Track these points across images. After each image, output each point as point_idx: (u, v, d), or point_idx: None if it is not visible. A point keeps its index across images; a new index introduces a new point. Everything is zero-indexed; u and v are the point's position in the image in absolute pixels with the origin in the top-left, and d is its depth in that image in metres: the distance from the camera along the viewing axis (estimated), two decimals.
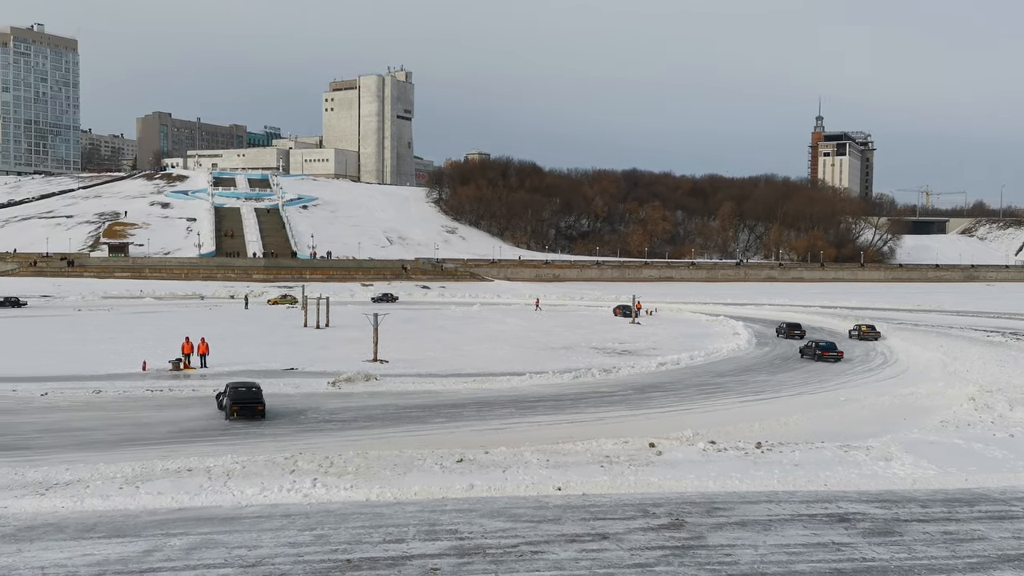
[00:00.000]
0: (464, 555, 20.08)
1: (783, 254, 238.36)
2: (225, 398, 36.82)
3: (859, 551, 20.81)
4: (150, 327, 75.47)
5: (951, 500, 25.45)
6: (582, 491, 25.52)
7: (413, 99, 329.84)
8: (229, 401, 36.08)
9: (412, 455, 28.54)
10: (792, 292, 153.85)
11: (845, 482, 26.95)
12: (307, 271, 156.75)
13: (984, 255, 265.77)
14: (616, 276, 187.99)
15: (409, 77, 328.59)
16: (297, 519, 22.62)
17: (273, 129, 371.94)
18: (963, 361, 57.08)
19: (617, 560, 19.91)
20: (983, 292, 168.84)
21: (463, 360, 56.34)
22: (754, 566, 19.66)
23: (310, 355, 57.04)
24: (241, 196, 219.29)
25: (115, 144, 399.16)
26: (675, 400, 43.21)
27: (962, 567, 19.88)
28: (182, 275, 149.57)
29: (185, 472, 26.31)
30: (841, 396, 44.79)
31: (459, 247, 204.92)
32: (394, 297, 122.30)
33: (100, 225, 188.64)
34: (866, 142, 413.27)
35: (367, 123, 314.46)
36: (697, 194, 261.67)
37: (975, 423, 35.88)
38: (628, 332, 78.57)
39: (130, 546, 20.37)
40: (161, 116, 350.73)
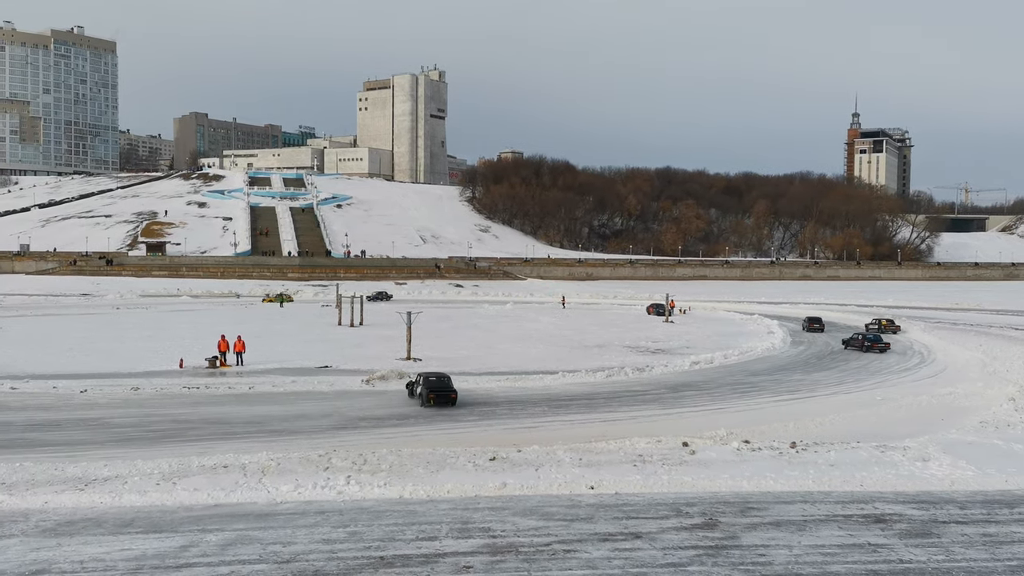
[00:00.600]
0: (497, 553, 20.11)
1: (819, 252, 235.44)
2: (420, 387, 40.31)
3: (896, 552, 20.51)
4: (187, 325, 76.55)
5: (990, 502, 24.98)
6: (615, 490, 25.43)
7: (446, 98, 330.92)
8: (425, 390, 39.59)
9: (445, 453, 28.65)
10: (828, 290, 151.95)
11: (881, 483, 26.56)
12: (341, 270, 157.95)
13: None
14: (649, 275, 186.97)
15: (442, 76, 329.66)
16: (331, 516, 22.80)
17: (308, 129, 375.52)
18: (1003, 361, 55.99)
19: (650, 560, 19.81)
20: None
21: (496, 358, 56.43)
22: (788, 567, 19.45)
23: (344, 353, 57.48)
24: (276, 195, 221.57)
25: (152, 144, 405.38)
26: (709, 399, 42.91)
27: (1002, 570, 19.50)
28: (218, 273, 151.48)
29: (221, 469, 26.64)
30: (877, 396, 44.18)
31: (492, 246, 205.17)
32: (388, 295, 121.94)
33: (138, 224, 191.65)
34: (903, 139, 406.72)
35: (401, 122, 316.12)
36: (731, 192, 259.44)
37: (1015, 424, 35.18)
38: (661, 331, 78.15)
39: (167, 541, 20.67)
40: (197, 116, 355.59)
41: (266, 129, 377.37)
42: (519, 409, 39.26)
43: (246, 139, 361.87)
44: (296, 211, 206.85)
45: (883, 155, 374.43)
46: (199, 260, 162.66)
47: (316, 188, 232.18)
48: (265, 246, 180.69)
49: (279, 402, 40.14)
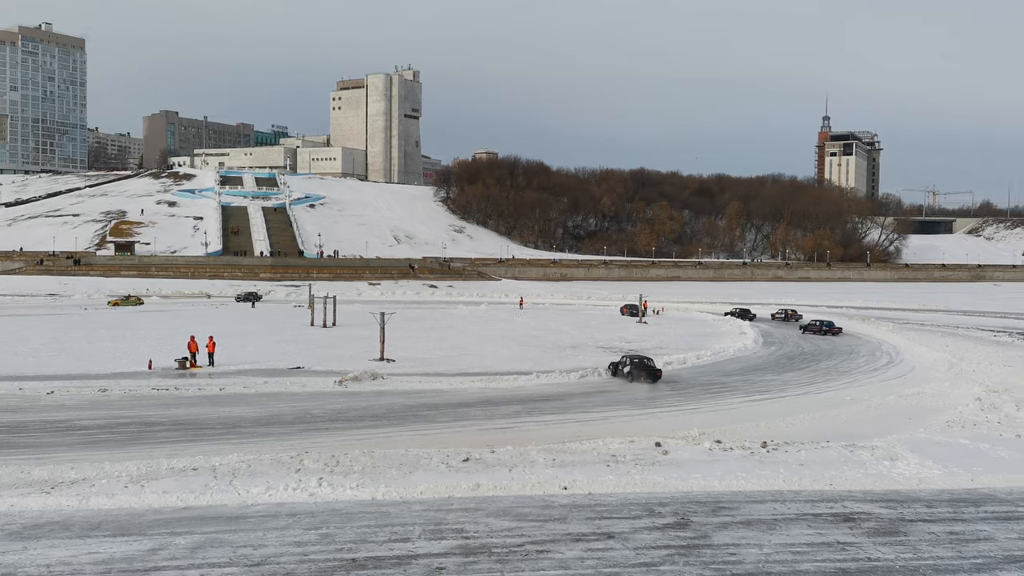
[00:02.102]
0: (470, 554, 20.09)
1: (790, 253, 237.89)
2: (627, 367, 48.13)
3: (864, 551, 20.75)
4: (156, 326, 75.69)
5: (957, 500, 25.35)
6: (588, 490, 25.50)
7: (421, 98, 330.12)
8: (634, 368, 47.58)
9: (418, 454, 28.56)
10: (799, 291, 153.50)
11: (850, 482, 26.88)
12: (314, 270, 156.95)
13: (991, 255, 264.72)
14: (623, 275, 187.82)
15: (417, 76, 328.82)
16: (302, 518, 22.65)
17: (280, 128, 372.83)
18: (969, 361, 56.94)
19: (622, 559, 19.89)
20: (990, 292, 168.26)
21: (470, 359, 56.37)
22: (759, 565, 19.62)
23: (317, 354, 57.12)
24: (248, 195, 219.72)
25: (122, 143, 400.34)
26: (681, 399, 43.16)
27: (968, 567, 19.80)
28: (189, 273, 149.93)
29: (191, 471, 26.38)
30: (847, 396, 44.70)
31: (467, 246, 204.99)
32: (258, 296, 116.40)
33: (106, 224, 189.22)
34: (872, 142, 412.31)
35: (374, 122, 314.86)
36: (704, 193, 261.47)
37: (981, 423, 35.74)
38: (635, 331, 78.49)
39: (135, 544, 20.42)
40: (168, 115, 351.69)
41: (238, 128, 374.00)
42: (493, 410, 39.24)
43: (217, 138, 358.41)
44: (268, 211, 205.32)
45: (853, 158, 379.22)
46: (169, 260, 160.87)
47: (289, 188, 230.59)
48: (237, 246, 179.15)
49: (250, 403, 39.79)
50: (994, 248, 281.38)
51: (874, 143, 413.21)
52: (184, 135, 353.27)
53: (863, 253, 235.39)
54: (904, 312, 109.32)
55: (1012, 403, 39.90)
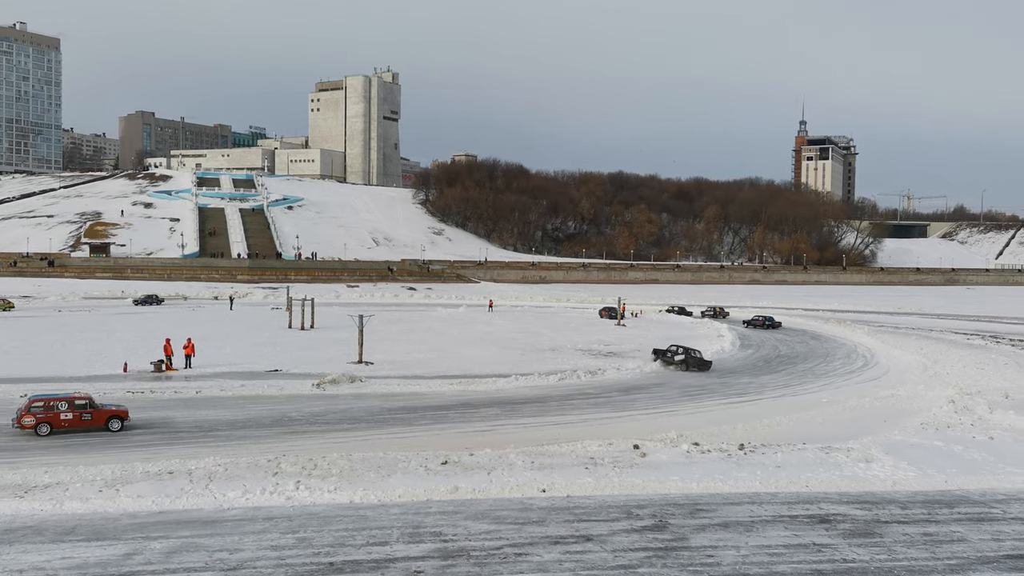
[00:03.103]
0: (448, 557, 20.07)
1: (767, 257, 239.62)
2: (679, 356, 54.80)
3: (840, 552, 20.95)
4: (132, 328, 74.95)
5: (931, 502, 25.65)
6: (567, 493, 25.56)
7: (400, 100, 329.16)
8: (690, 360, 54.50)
9: (397, 457, 28.50)
10: (776, 294, 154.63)
11: (826, 483, 27.13)
12: (292, 272, 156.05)
13: (965, 258, 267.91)
14: (602, 278, 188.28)
15: (396, 78, 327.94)
16: (279, 522, 22.53)
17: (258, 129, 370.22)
18: (943, 364, 57.61)
19: (600, 562, 19.95)
20: (963, 295, 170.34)
21: (449, 362, 56.28)
22: (736, 567, 19.75)
23: (295, 356, 56.81)
24: (225, 196, 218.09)
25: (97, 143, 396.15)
26: (659, 402, 43.34)
27: (941, 568, 20.04)
28: (165, 275, 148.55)
29: (166, 475, 26.16)
30: (823, 398, 45.08)
31: (446, 248, 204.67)
32: (160, 299, 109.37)
33: (81, 225, 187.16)
34: (848, 146, 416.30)
35: (353, 124, 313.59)
36: (683, 197, 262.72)
37: (955, 425, 36.19)
38: (613, 334, 78.71)
39: (109, 549, 20.23)
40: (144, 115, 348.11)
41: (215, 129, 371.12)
42: (471, 412, 39.21)
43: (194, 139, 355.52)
44: (246, 212, 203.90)
45: (829, 162, 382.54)
46: (145, 262, 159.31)
47: (267, 189, 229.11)
48: (214, 247, 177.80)
49: (227, 406, 39.51)
50: (967, 252, 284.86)
51: (850, 148, 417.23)
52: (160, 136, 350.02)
53: (839, 256, 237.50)
54: (879, 315, 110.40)
55: (985, 405, 40.43)
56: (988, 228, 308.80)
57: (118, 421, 34.14)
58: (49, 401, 33.40)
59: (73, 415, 33.28)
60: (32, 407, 32.99)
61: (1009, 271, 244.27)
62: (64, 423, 33.12)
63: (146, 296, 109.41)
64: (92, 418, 33.65)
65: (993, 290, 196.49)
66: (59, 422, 33.03)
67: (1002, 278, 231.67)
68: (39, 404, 33.17)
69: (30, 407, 33.01)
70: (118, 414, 34.32)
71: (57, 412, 33.09)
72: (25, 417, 32.66)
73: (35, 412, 32.85)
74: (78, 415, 33.38)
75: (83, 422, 33.40)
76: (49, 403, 33.25)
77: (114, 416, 34.15)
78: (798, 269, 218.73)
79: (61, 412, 33.14)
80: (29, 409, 32.93)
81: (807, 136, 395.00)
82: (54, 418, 32.99)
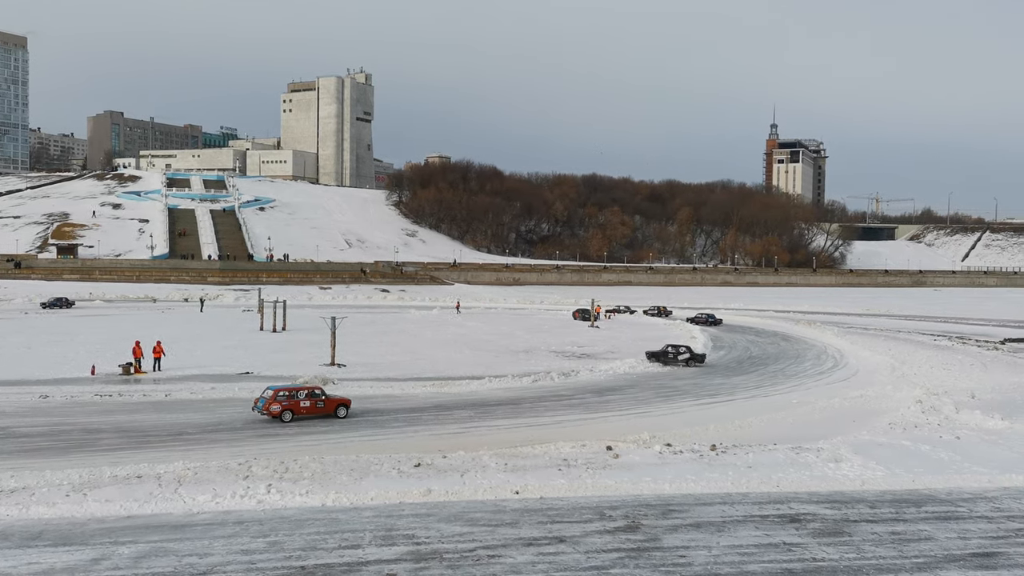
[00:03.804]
0: (421, 560, 20.00)
1: (739, 259, 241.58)
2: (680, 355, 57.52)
3: (809, 551, 21.15)
4: (100, 330, 73.97)
5: (899, 501, 25.98)
6: (540, 495, 25.58)
7: (373, 101, 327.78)
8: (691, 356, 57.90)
9: (369, 460, 28.36)
10: (747, 296, 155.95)
11: (796, 483, 27.39)
12: (264, 274, 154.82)
13: (931, 261, 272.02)
14: (575, 280, 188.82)
15: (369, 79, 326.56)
16: (250, 526, 22.33)
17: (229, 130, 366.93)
18: (911, 364, 58.44)
19: (573, 563, 19.99)
20: (930, 296, 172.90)
21: (422, 364, 56.14)
22: (707, 567, 19.88)
23: (266, 359, 56.36)
24: (196, 197, 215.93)
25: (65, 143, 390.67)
26: (632, 403, 43.51)
27: (909, 567, 20.29)
28: (134, 277, 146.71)
29: (134, 479, 25.84)
30: (793, 399, 45.52)
31: (419, 250, 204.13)
32: (70, 302, 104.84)
33: (48, 226, 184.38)
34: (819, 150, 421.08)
35: (326, 125, 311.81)
36: (655, 199, 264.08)
37: (922, 425, 36.70)
38: (587, 336, 78.94)
39: (77, 554, 19.94)
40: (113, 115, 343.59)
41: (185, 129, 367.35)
42: (445, 415, 39.13)
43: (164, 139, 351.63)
44: (217, 214, 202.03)
45: (800, 165, 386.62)
46: (113, 263, 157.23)
47: (238, 190, 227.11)
48: (184, 249, 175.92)
49: (197, 409, 39.11)
50: (934, 254, 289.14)
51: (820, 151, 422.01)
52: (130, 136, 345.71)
53: (809, 259, 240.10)
54: (849, 316, 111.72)
55: (951, 405, 41.05)
56: (955, 231, 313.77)
57: (344, 409, 37.95)
58: (291, 391, 37.08)
59: (310, 403, 37.06)
60: (278, 396, 36.52)
61: (975, 273, 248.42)
62: (303, 410, 36.82)
63: (55, 299, 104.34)
64: (324, 406, 37.44)
65: (959, 292, 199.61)
66: (299, 409, 36.74)
67: (968, 280, 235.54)
68: (284, 394, 36.78)
69: (276, 396, 36.49)
70: (344, 402, 38.21)
71: (298, 400, 36.84)
72: (272, 405, 36.28)
73: (281, 401, 36.53)
74: (314, 403, 37.18)
75: (317, 409, 37.18)
76: (292, 392, 36.93)
77: (341, 404, 38.00)
78: (769, 271, 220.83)
79: (301, 401, 36.89)
80: (276, 398, 36.45)
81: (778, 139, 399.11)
82: (295, 406, 36.66)
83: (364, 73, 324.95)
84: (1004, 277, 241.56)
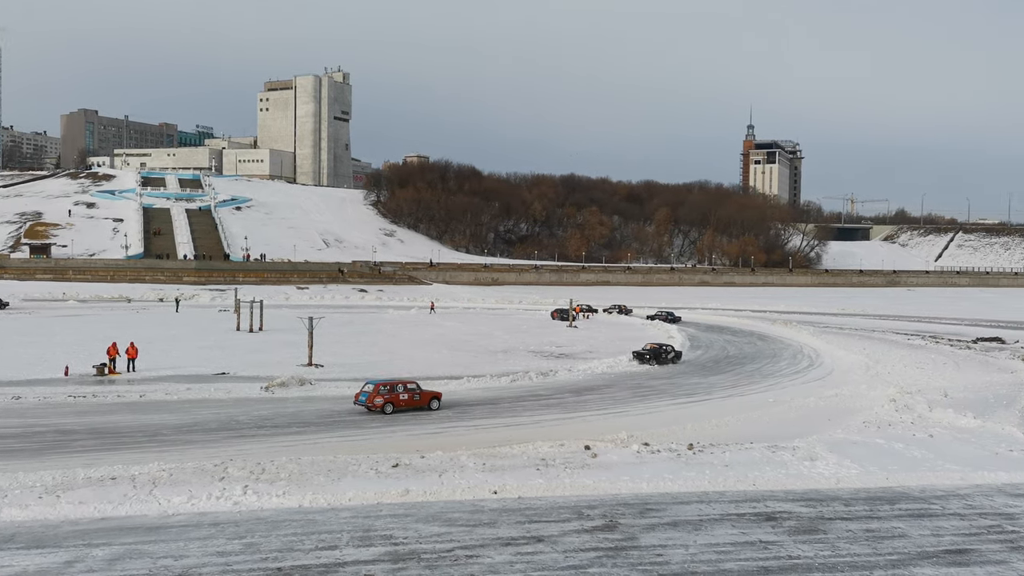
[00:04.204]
0: (399, 560, 19.96)
1: (716, 259, 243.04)
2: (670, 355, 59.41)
3: (785, 549, 21.33)
4: (74, 331, 73.12)
5: (873, 499, 26.25)
6: (518, 494, 25.60)
7: (351, 100, 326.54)
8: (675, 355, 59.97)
9: (347, 460, 28.26)
10: (724, 296, 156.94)
11: (772, 482, 27.60)
12: (240, 273, 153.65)
13: (905, 261, 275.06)
14: (554, 280, 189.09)
15: (347, 78, 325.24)
16: (226, 527, 22.17)
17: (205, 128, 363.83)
18: (885, 364, 59.09)
19: (551, 563, 20.02)
20: (904, 296, 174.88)
21: (400, 364, 56.00)
22: (684, 566, 19.99)
23: (243, 359, 55.99)
24: (171, 196, 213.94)
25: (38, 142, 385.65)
26: (611, 403, 43.65)
27: (883, 564, 20.51)
28: (108, 277, 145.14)
29: (109, 480, 25.58)
30: (769, 398, 45.86)
31: (397, 250, 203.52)
32: (4, 303, 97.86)
33: (21, 225, 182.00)
34: (795, 151, 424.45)
35: (303, 124, 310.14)
36: (634, 199, 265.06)
37: (896, 423, 37.12)
38: (566, 336, 79.09)
39: (50, 557, 19.71)
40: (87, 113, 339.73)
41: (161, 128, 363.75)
42: (422, 415, 39.06)
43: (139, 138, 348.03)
44: (193, 213, 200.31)
45: (776, 166, 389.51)
46: (87, 263, 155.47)
47: (214, 189, 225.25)
48: (159, 249, 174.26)
49: (172, 410, 38.78)
50: (908, 254, 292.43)
51: (796, 152, 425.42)
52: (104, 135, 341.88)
53: (786, 259, 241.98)
54: (824, 316, 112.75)
55: (925, 403, 41.57)
56: (928, 231, 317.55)
57: (437, 402, 40.42)
58: (392, 384, 39.54)
59: (407, 396, 39.46)
60: (380, 390, 38.89)
61: (948, 273, 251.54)
62: (402, 403, 39.25)
63: None
64: (420, 399, 39.82)
65: (933, 291, 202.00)
66: (399, 402, 39.19)
67: (941, 280, 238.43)
68: (385, 387, 39.18)
69: (378, 390, 38.87)
70: (437, 395, 40.75)
71: (398, 394, 39.27)
72: (376, 398, 38.69)
73: (383, 394, 38.91)
74: (411, 396, 39.59)
75: (414, 402, 39.66)
76: (392, 386, 39.38)
77: (434, 397, 40.47)
78: (746, 271, 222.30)
79: (400, 394, 39.31)
80: (378, 392, 38.81)
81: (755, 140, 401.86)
82: (395, 399, 39.13)
83: (342, 72, 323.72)
84: (976, 277, 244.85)
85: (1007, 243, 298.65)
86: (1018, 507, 25.42)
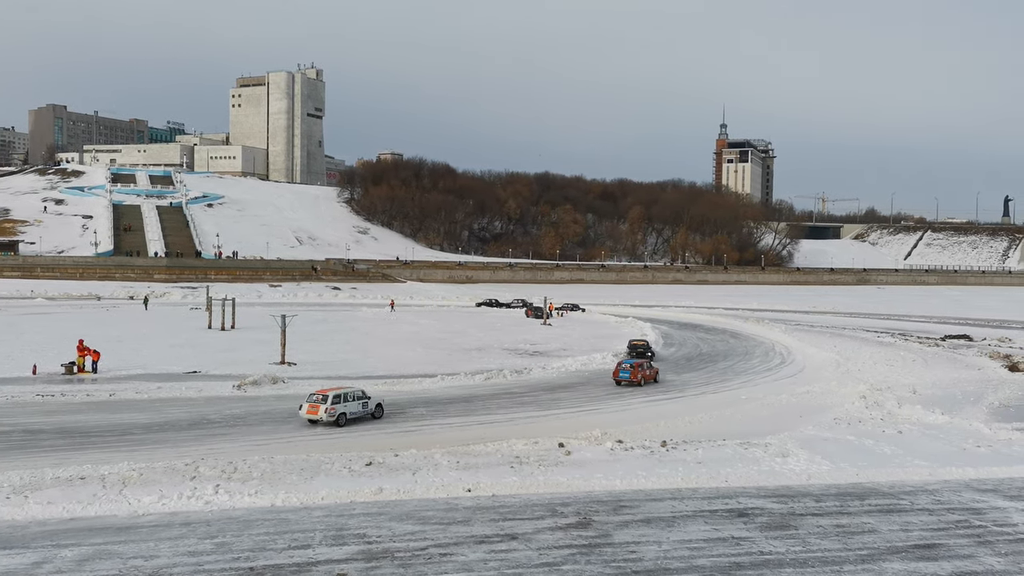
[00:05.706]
0: (372, 559, 19.88)
1: (689, 257, 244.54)
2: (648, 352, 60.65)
3: (757, 545, 21.51)
4: (42, 329, 72.05)
5: (843, 494, 26.55)
6: (492, 492, 25.59)
7: (324, 97, 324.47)
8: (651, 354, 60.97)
9: (320, 459, 28.11)
10: (697, 294, 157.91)
11: (744, 478, 27.82)
12: (212, 271, 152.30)
13: (875, 259, 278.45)
14: (528, 278, 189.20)
15: (320, 75, 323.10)
16: (198, 527, 21.97)
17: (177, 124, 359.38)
18: (855, 361, 59.78)
19: (525, 560, 20.04)
20: (874, 294, 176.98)
21: (373, 362, 55.77)
22: (658, 562, 20.10)
23: (214, 358, 55.47)
24: (142, 193, 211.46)
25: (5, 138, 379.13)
26: (585, 400, 43.77)
27: (853, 559, 20.75)
28: (77, 275, 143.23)
29: (77, 480, 25.26)
30: (742, 395, 46.23)
31: (371, 248, 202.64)
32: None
33: None
34: (767, 150, 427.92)
35: (276, 121, 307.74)
36: (607, 198, 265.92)
37: (866, 420, 37.58)
38: (540, 333, 79.20)
39: (18, 558, 19.43)
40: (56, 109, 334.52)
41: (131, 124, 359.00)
42: (397, 413, 38.92)
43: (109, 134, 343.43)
44: (164, 210, 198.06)
45: (748, 164, 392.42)
46: (56, 260, 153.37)
47: (186, 186, 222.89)
48: (129, 246, 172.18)
49: (143, 409, 38.35)
50: (878, 253, 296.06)
51: (768, 151, 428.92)
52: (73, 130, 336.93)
53: (758, 257, 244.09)
54: (796, 314, 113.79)
55: (894, 400, 42.12)
56: (897, 230, 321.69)
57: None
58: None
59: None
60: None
61: (917, 271, 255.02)
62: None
63: None
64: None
65: (902, 290, 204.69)
66: None
67: (910, 278, 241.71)
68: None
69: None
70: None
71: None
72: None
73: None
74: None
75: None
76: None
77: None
78: (719, 269, 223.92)
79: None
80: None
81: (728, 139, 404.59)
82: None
83: (315, 69, 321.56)
84: (944, 275, 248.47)
85: (974, 242, 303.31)
86: (985, 502, 25.83)
